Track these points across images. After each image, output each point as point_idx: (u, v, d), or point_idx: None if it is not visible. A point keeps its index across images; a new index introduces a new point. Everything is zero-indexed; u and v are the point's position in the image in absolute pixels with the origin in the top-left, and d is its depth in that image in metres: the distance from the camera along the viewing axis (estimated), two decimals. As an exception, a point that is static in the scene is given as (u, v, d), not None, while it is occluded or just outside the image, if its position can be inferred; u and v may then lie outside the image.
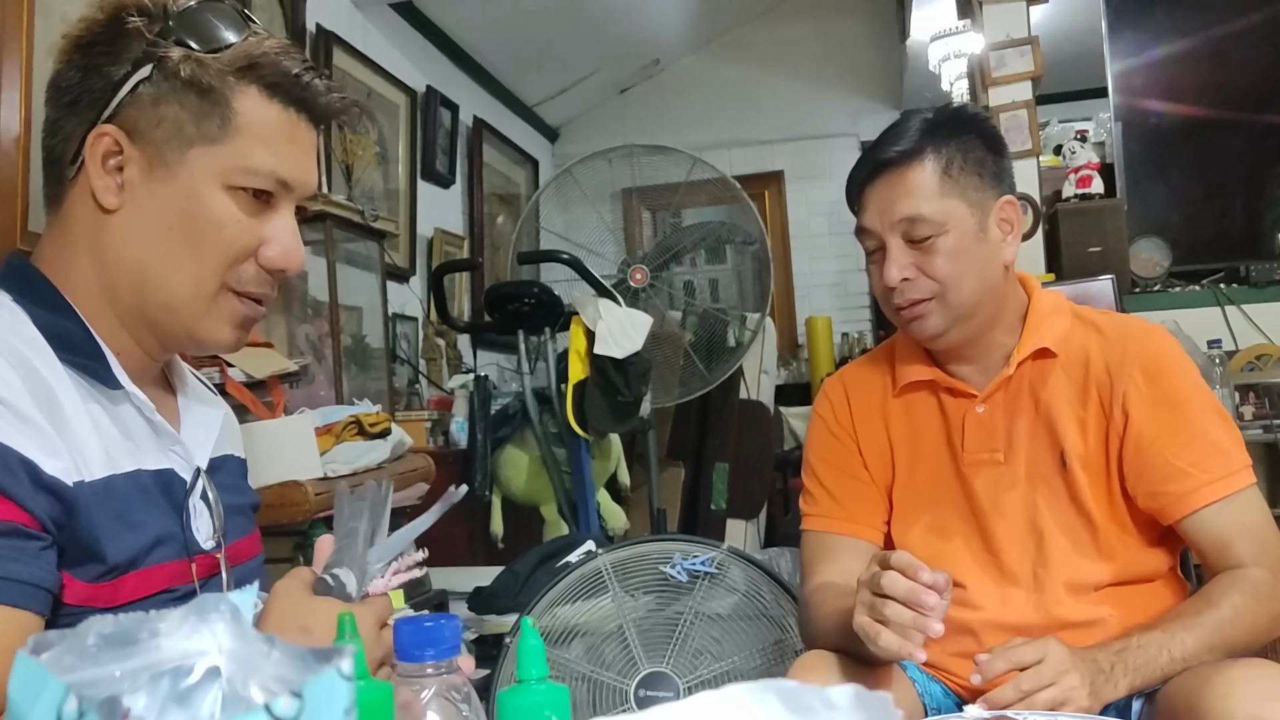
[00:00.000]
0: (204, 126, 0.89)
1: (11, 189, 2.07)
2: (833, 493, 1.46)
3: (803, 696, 0.40)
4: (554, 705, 0.63)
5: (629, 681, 1.94)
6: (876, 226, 1.36)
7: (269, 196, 0.91)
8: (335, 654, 0.34)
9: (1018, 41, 3.47)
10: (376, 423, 2.35)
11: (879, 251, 1.37)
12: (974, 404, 1.39)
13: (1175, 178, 3.66)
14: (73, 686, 0.30)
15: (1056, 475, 1.35)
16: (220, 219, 0.89)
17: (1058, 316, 1.39)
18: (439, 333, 3.93)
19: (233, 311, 0.93)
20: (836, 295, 5.70)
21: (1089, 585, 1.32)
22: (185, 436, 0.97)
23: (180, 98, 0.88)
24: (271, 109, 0.91)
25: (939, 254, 1.32)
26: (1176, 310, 3.17)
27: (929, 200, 1.32)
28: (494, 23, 4.45)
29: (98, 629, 0.34)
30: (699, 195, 3.99)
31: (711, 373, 3.73)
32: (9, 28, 2.09)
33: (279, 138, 0.91)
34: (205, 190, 0.89)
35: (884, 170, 1.36)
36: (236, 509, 1.02)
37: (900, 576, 1.08)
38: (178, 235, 0.89)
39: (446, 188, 4.42)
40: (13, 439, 0.78)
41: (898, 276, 1.33)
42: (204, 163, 0.89)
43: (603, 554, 2.02)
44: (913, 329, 1.37)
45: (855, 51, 5.66)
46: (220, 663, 0.38)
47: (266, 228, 0.92)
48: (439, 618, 0.66)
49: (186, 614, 0.38)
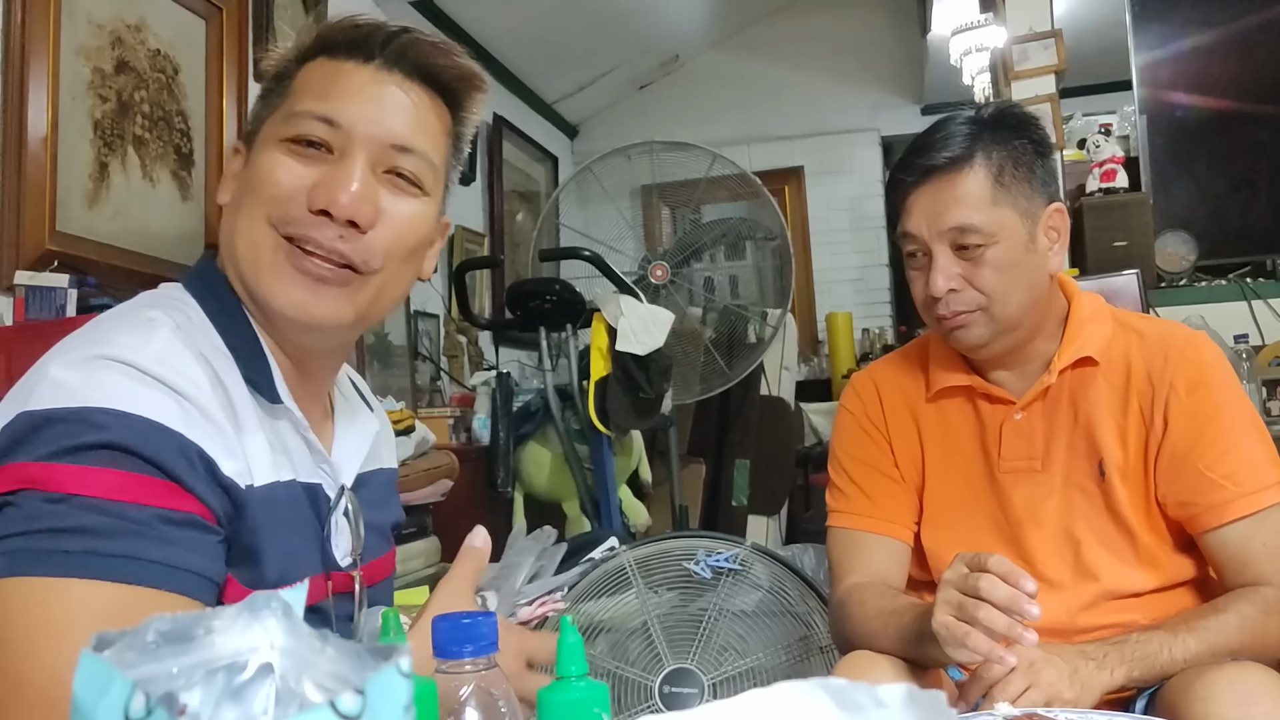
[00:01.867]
0: (271, 102, 0.93)
1: (40, 188, 2.09)
2: (864, 489, 1.44)
3: (853, 694, 0.40)
4: (596, 701, 0.63)
5: (654, 678, 1.94)
6: (922, 233, 1.31)
7: (327, 147, 0.90)
8: (393, 651, 0.34)
9: (1041, 34, 3.45)
10: (400, 420, 2.36)
11: (923, 258, 1.33)
12: (1012, 411, 1.36)
13: (1201, 171, 3.62)
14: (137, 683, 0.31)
15: (1094, 484, 1.33)
16: (270, 168, 0.89)
17: (1099, 322, 1.36)
18: (461, 330, 3.94)
19: (292, 264, 0.89)
20: (857, 291, 5.68)
21: (1128, 593, 1.31)
22: (336, 456, 0.99)
23: (265, 93, 0.95)
24: (327, 66, 0.93)
25: (988, 265, 1.28)
26: (1202, 305, 3.14)
27: (980, 209, 1.28)
28: (514, 20, 4.46)
29: (156, 626, 0.35)
30: (719, 191, 3.98)
31: (732, 369, 3.73)
32: (36, 31, 2.10)
33: (328, 84, 0.91)
34: (262, 151, 0.91)
35: (932, 175, 1.30)
36: (376, 527, 1.02)
37: (1001, 582, 1.04)
38: (239, 199, 0.91)
39: (467, 185, 4.43)
40: (197, 435, 0.80)
41: (944, 287, 1.29)
42: (267, 131, 0.92)
43: (626, 550, 2.03)
44: (955, 338, 1.34)
45: (876, 46, 5.64)
46: (273, 659, 0.39)
47: (320, 174, 0.89)
48: (476, 614, 0.66)
49: (240, 611, 0.38)
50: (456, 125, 0.99)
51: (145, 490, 0.77)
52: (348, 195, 0.87)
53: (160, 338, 0.83)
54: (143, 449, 0.77)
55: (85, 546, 0.73)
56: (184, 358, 0.83)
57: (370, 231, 0.89)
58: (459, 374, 3.87)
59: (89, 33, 2.27)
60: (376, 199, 0.90)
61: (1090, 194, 3.47)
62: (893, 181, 1.37)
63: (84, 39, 2.25)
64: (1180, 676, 1.15)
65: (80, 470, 0.75)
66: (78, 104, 2.22)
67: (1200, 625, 1.20)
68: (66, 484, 0.74)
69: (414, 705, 0.34)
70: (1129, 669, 1.16)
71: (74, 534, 0.73)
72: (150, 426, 0.78)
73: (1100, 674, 1.14)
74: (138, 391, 0.78)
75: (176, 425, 0.79)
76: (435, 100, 0.95)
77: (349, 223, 0.88)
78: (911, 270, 1.36)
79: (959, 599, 1.08)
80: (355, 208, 0.87)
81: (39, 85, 2.10)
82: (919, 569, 1.43)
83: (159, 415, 0.78)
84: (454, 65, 0.95)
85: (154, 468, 0.77)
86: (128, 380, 0.78)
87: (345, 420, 1.03)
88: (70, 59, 2.20)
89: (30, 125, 2.07)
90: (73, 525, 0.74)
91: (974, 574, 1.07)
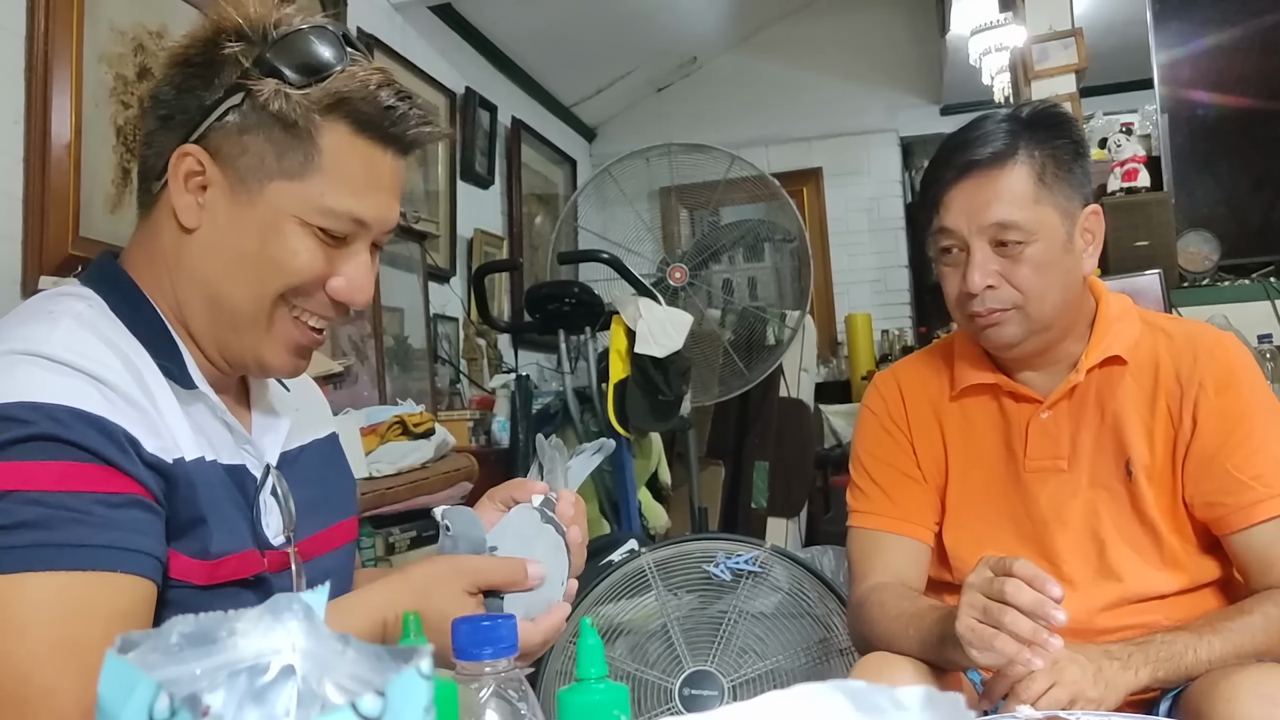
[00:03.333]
0: (286, 161, 0.89)
1: (64, 195, 2.11)
2: (885, 490, 1.43)
3: (872, 696, 0.40)
4: (615, 704, 0.64)
5: (674, 680, 1.94)
6: (961, 229, 1.29)
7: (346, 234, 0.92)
8: (414, 653, 0.34)
9: (1061, 34, 3.43)
10: (420, 423, 2.37)
11: (958, 254, 1.31)
12: (1038, 410, 1.36)
13: (1223, 170, 3.59)
14: (161, 684, 0.31)
15: (1120, 484, 1.32)
16: (294, 248, 0.90)
17: (1126, 322, 1.36)
18: (480, 333, 3.95)
19: (291, 336, 0.94)
20: (876, 292, 5.66)
21: (1151, 595, 1.30)
22: (256, 436, 0.99)
23: (267, 130, 0.88)
24: (357, 146, 0.90)
25: (1026, 263, 1.27)
26: (1225, 304, 3.11)
27: (1022, 207, 1.27)
28: (532, 23, 4.47)
29: (180, 628, 0.35)
30: (737, 193, 3.98)
31: (751, 371, 3.72)
32: (59, 36, 2.12)
33: (361, 178, 0.91)
34: (283, 223, 0.89)
35: (973, 171, 1.28)
36: (313, 503, 1.02)
37: (1026, 586, 1.04)
38: (249, 260, 0.90)
39: (485, 188, 4.44)
40: (118, 417, 0.81)
41: (981, 283, 1.28)
42: (284, 197, 0.89)
43: (646, 552, 2.03)
44: (987, 336, 1.33)
45: (894, 46, 5.62)
46: (295, 661, 0.39)
47: (339, 262, 0.92)
48: (496, 617, 0.66)
49: (262, 613, 0.39)
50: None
51: (80, 477, 0.78)
52: (367, 295, 0.94)
53: (63, 326, 0.84)
54: (70, 437, 0.78)
55: (31, 540, 0.75)
56: (90, 343, 0.83)
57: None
58: (478, 377, 3.88)
59: (111, 39, 2.29)
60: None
61: (1112, 194, 3.45)
62: (930, 177, 1.35)
63: (106, 46, 2.27)
64: (1205, 678, 1.14)
65: (12, 466, 0.76)
66: (100, 110, 2.24)
67: (1225, 627, 1.19)
68: (1, 482, 0.75)
69: (434, 707, 0.34)
70: (1154, 669, 1.15)
71: (17, 529, 0.75)
72: (73, 414, 0.78)
73: (1125, 674, 1.14)
74: (52, 380, 0.79)
75: (98, 410, 0.80)
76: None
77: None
78: (945, 267, 1.34)
79: (984, 603, 1.07)
80: (368, 299, 0.95)
81: (62, 92, 2.12)
82: (940, 569, 1.42)
83: (79, 402, 0.79)
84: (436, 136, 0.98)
85: (85, 453, 0.78)
86: (40, 371, 0.79)
87: (262, 401, 1.04)
88: (93, 66, 2.22)
89: (54, 132, 2.09)
90: (14, 521, 0.75)
91: (999, 578, 1.07)
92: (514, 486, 0.98)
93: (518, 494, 0.97)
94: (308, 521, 1.00)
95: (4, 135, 2.04)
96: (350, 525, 1.10)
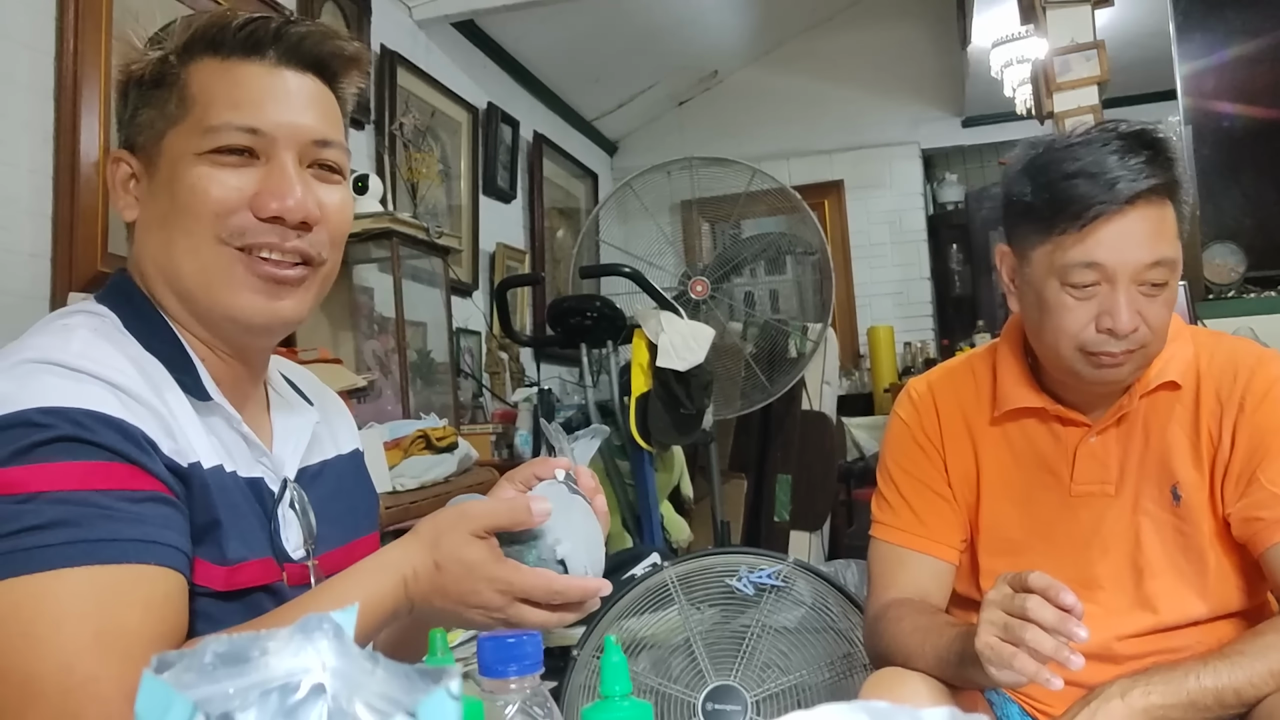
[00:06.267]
0: (167, 111, 0.91)
1: (92, 212, 2.14)
2: (912, 505, 1.40)
3: (895, 717, 0.40)
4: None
5: (697, 695, 1.94)
6: (1112, 264, 1.18)
7: (250, 152, 0.91)
8: (443, 674, 0.35)
9: (1083, 46, 3.41)
10: (443, 437, 2.38)
11: (1093, 289, 1.20)
12: (1087, 435, 1.32)
13: (1248, 181, 3.56)
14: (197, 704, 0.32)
15: (1166, 510, 1.29)
16: (201, 185, 0.89)
17: (1180, 343, 1.31)
18: (502, 346, 3.97)
19: (248, 273, 0.91)
20: (898, 304, 5.65)
21: (1190, 620, 1.28)
22: (276, 450, 0.99)
23: (149, 98, 0.92)
24: (226, 69, 0.91)
25: (1163, 303, 1.20)
26: (1252, 317, 3.08)
27: (1174, 244, 1.19)
28: (553, 39, 4.50)
29: (214, 648, 0.36)
30: (758, 206, 3.99)
31: (773, 384, 3.72)
32: (88, 55, 2.16)
33: (239, 91, 0.91)
34: (180, 168, 0.90)
35: (1135, 203, 1.17)
36: (335, 517, 1.02)
37: (1047, 604, 1.02)
38: (171, 219, 0.91)
39: (508, 203, 4.47)
40: (136, 421, 0.82)
41: (1131, 325, 1.19)
42: (174, 144, 0.91)
43: (668, 566, 2.03)
44: (1104, 375, 1.24)
45: (915, 59, 5.62)
46: (325, 680, 0.39)
47: (256, 181, 0.90)
48: (521, 634, 0.67)
49: (293, 633, 0.39)
50: (341, 105, 1.00)
51: (105, 476, 0.78)
52: (294, 199, 0.90)
53: (79, 337, 0.85)
54: (92, 438, 0.78)
55: (64, 538, 0.75)
56: (107, 351, 0.84)
57: (316, 226, 0.93)
58: (501, 390, 3.89)
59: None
60: (316, 194, 0.93)
61: (1135, 205, 3.43)
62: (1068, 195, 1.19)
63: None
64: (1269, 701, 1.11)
65: (38, 469, 0.76)
66: (129, 129, 2.28)
67: (1236, 650, 1.16)
68: (28, 484, 0.76)
69: (463, 727, 0.35)
70: (1146, 691, 1.13)
71: (50, 528, 0.75)
72: (92, 417, 0.79)
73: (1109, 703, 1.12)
74: (70, 387, 0.80)
75: (116, 413, 0.80)
76: (325, 86, 0.97)
77: (301, 223, 0.91)
78: (1071, 299, 1.22)
79: (1004, 619, 1.06)
80: (304, 209, 0.91)
81: (91, 110, 2.15)
82: (970, 587, 1.40)
83: (97, 406, 0.80)
84: (340, 51, 0.96)
85: (108, 453, 0.79)
86: (58, 379, 0.80)
87: (282, 414, 1.04)
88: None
89: (83, 150, 2.13)
90: (46, 521, 0.75)
91: (1020, 594, 1.05)
92: (535, 465, 0.97)
93: (540, 471, 0.96)
94: (328, 537, 1.00)
95: (34, 153, 2.07)
96: (372, 541, 1.10)
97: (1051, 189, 1.21)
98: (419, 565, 0.85)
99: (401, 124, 3.55)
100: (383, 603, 0.84)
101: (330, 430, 1.11)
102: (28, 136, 2.06)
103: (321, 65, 0.96)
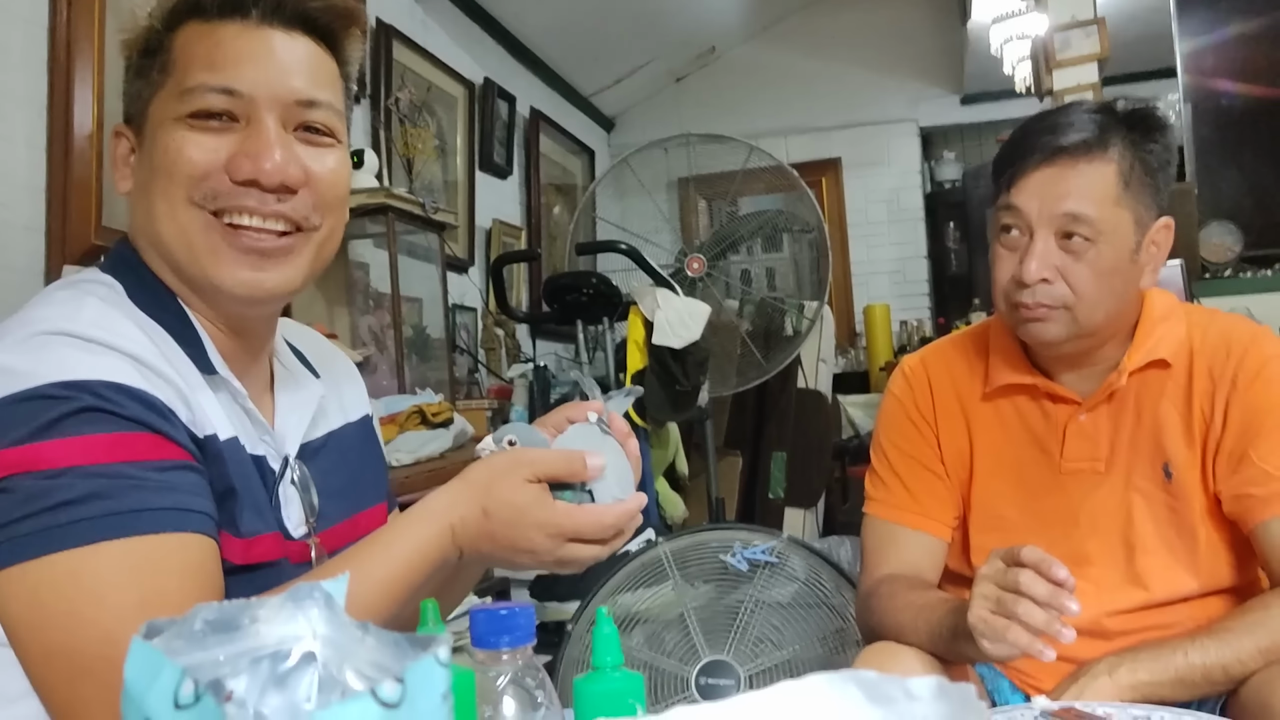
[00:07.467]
0: (152, 78, 0.90)
1: (86, 185, 2.13)
2: (906, 482, 1.41)
3: (884, 687, 0.40)
4: (630, 692, 0.64)
5: (690, 669, 1.95)
6: (1031, 211, 1.23)
7: (229, 115, 0.88)
8: (432, 641, 0.35)
9: (1083, 22, 3.40)
10: (439, 412, 2.38)
11: (1018, 236, 1.26)
12: (1077, 412, 1.33)
13: (1247, 160, 3.56)
14: (186, 670, 0.32)
15: (1158, 487, 1.30)
16: (174, 147, 0.87)
17: (1172, 322, 1.32)
18: (498, 323, 3.96)
19: (229, 245, 0.89)
20: (895, 283, 5.65)
21: (1180, 596, 1.28)
22: (278, 426, 0.98)
23: (139, 68, 0.92)
24: (206, 32, 0.89)
25: (1087, 264, 1.22)
26: (1248, 296, 3.09)
27: (1100, 204, 1.21)
28: (551, 14, 4.47)
29: (203, 615, 0.36)
30: (756, 183, 3.97)
31: (769, 362, 3.72)
32: (80, 28, 2.14)
33: (218, 52, 0.88)
34: (160, 132, 0.89)
35: (1059, 156, 1.22)
36: (339, 491, 1.01)
37: (1039, 578, 1.03)
38: (150, 185, 0.89)
39: (504, 179, 4.45)
40: (155, 391, 0.81)
41: (1037, 275, 1.22)
42: (158, 110, 0.89)
43: (663, 542, 2.03)
44: (1028, 330, 1.28)
45: (915, 36, 5.59)
46: (316, 648, 0.40)
47: (235, 144, 0.88)
48: (514, 606, 0.67)
49: (284, 601, 0.39)
50: (341, 66, 0.97)
51: (131, 447, 0.78)
52: (271, 162, 0.87)
53: (90, 305, 0.84)
54: (114, 409, 0.78)
55: (100, 511, 0.75)
56: (119, 321, 0.83)
57: (301, 190, 0.90)
58: (496, 367, 3.89)
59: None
60: (300, 158, 0.89)
61: (1133, 184, 3.42)
62: (1007, 154, 1.28)
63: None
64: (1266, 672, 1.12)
65: (65, 443, 0.76)
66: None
67: (1224, 628, 1.17)
68: (56, 458, 0.75)
69: (452, 693, 0.35)
70: (1132, 667, 1.13)
71: (84, 502, 0.75)
72: (112, 388, 0.78)
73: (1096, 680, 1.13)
74: (86, 359, 0.79)
75: (135, 384, 0.80)
76: (318, 45, 0.94)
77: (280, 186, 0.88)
78: (1001, 248, 1.28)
79: (997, 594, 1.06)
80: (282, 172, 0.87)
81: (84, 82, 2.14)
82: (961, 563, 1.41)
83: (117, 377, 0.79)
84: (329, 6, 0.93)
85: (132, 423, 0.78)
86: (74, 350, 0.79)
87: (287, 390, 1.02)
88: (115, 56, 2.23)
89: (76, 122, 2.11)
90: (81, 494, 0.75)
91: (1012, 569, 1.06)
92: (568, 409, 0.96)
93: (573, 414, 0.95)
94: (331, 512, 0.99)
95: (27, 126, 2.06)
96: (379, 513, 1.08)
97: (1008, 146, 1.28)
98: (466, 512, 0.85)
99: (397, 99, 3.53)
100: (430, 552, 0.84)
101: (339, 398, 1.09)
102: (21, 110, 2.05)
103: (311, 22, 0.93)
